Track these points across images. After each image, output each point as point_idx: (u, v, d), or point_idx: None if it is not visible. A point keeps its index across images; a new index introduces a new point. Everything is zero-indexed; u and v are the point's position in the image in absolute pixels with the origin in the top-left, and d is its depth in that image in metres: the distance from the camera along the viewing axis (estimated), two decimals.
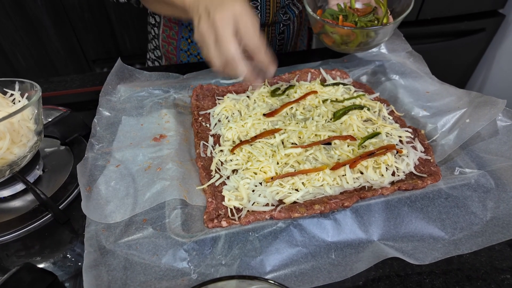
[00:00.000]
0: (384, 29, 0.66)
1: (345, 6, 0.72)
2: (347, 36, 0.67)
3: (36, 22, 1.75)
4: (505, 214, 0.48)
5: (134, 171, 0.55)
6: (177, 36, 0.91)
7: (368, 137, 0.58)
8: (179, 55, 0.95)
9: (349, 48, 0.71)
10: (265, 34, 0.93)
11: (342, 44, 0.70)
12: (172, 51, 0.95)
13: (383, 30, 0.66)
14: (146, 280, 0.42)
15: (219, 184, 0.54)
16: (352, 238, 0.47)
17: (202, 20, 0.52)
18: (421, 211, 0.49)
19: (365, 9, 0.71)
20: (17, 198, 0.55)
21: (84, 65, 2.00)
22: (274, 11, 0.87)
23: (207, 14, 0.51)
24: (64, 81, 0.84)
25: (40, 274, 0.42)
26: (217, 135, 0.63)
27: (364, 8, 0.71)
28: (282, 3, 0.87)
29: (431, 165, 0.55)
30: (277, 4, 0.86)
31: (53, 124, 0.66)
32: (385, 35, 0.69)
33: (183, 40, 0.91)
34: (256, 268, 0.43)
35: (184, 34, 0.91)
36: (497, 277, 0.44)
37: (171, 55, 0.96)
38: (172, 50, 0.95)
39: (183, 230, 0.46)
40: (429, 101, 0.67)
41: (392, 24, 0.65)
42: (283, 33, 0.95)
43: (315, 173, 0.52)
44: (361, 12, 0.70)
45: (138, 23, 1.88)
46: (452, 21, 1.65)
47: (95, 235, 0.46)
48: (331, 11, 0.72)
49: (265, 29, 0.92)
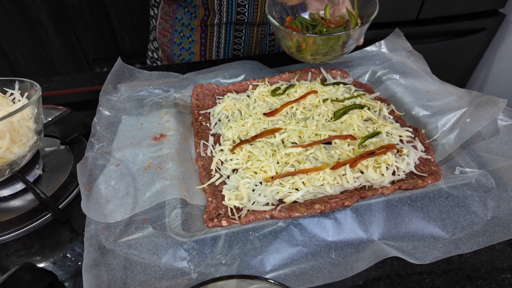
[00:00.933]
0: (335, 38, 0.61)
1: (318, 16, 0.70)
2: (298, 42, 0.64)
3: (36, 21, 1.75)
4: (506, 214, 0.48)
5: (134, 171, 0.54)
6: (171, 29, 0.94)
7: (369, 137, 0.58)
8: (172, 47, 0.97)
9: (304, 57, 0.67)
10: (254, 35, 0.94)
11: (297, 52, 0.67)
12: (166, 43, 0.98)
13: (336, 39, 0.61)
14: (146, 280, 0.42)
15: (219, 184, 0.54)
16: (352, 238, 0.46)
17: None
18: (421, 211, 0.49)
19: (338, 21, 0.70)
20: (17, 197, 0.55)
21: (84, 65, 2.00)
22: (262, 10, 0.88)
23: None
24: (64, 81, 0.84)
25: (40, 273, 0.42)
26: (217, 135, 0.63)
27: (337, 21, 0.70)
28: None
29: (432, 164, 0.55)
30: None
31: (53, 124, 0.65)
32: (345, 45, 0.64)
33: (176, 33, 0.94)
34: (256, 267, 0.43)
35: (178, 27, 0.93)
36: (498, 277, 0.43)
37: (166, 47, 0.99)
38: (167, 43, 0.98)
39: (183, 230, 0.46)
40: (430, 100, 0.67)
41: (341, 34, 0.61)
42: (273, 34, 0.96)
43: (316, 173, 0.52)
44: (334, 24, 0.69)
45: (138, 23, 1.88)
46: (452, 20, 1.65)
47: (95, 235, 0.46)
48: (301, 19, 0.70)
49: (254, 30, 0.93)
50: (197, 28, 0.92)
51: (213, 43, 0.94)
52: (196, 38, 0.93)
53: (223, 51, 0.97)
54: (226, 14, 0.87)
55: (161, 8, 0.95)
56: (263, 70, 0.80)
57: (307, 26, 0.68)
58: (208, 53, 0.97)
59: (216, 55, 0.97)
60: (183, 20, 0.91)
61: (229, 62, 0.82)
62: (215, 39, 0.94)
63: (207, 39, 0.93)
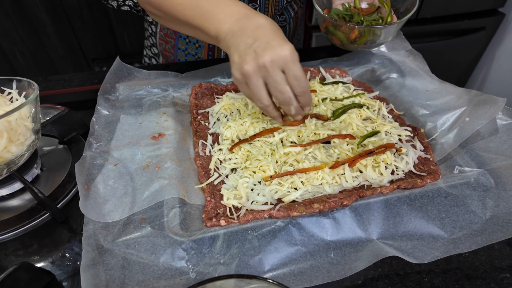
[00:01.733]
0: (389, 28, 0.67)
1: (350, 6, 0.73)
2: (354, 35, 0.69)
3: (35, 20, 1.75)
4: (505, 213, 0.48)
5: (133, 170, 0.54)
6: (175, 35, 0.91)
7: (368, 136, 0.58)
8: (177, 54, 0.95)
9: (356, 47, 0.73)
10: None
11: (350, 43, 0.71)
12: (169, 49, 0.95)
13: (389, 28, 0.67)
14: (144, 279, 0.42)
15: (218, 183, 0.53)
16: (351, 237, 0.46)
17: (248, 59, 0.49)
18: (420, 210, 0.48)
19: (369, 8, 0.73)
20: (15, 197, 0.55)
21: (83, 64, 2.00)
22: (272, 13, 0.87)
23: (254, 53, 0.48)
24: (63, 80, 0.84)
25: (38, 273, 0.42)
26: (216, 134, 0.63)
27: (368, 8, 0.73)
28: (280, 5, 0.87)
29: (431, 163, 0.55)
30: (276, 6, 0.86)
31: (51, 123, 0.65)
32: (390, 34, 0.70)
33: (181, 39, 0.91)
34: (255, 267, 0.43)
35: (182, 34, 0.91)
36: (497, 276, 0.43)
37: (169, 53, 0.96)
38: (170, 49, 0.95)
39: (181, 229, 0.46)
40: (429, 99, 0.67)
41: (398, 23, 0.67)
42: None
43: (314, 172, 0.52)
44: (365, 11, 0.72)
45: (137, 22, 1.87)
46: (452, 20, 1.65)
47: (93, 234, 0.46)
48: (337, 10, 0.73)
49: None
50: None
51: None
52: (203, 44, 0.90)
53: None
54: None
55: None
56: None
57: (344, 17, 0.72)
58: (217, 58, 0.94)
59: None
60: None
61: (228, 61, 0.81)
62: None
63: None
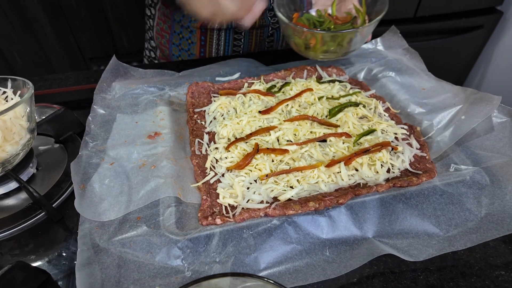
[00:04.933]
0: (344, 35, 0.61)
1: (325, 13, 0.69)
2: (306, 39, 0.64)
3: (32, 19, 1.74)
4: (500, 211, 0.48)
5: (129, 169, 0.54)
6: (170, 30, 0.93)
7: (364, 134, 0.58)
8: (171, 48, 0.96)
9: (314, 54, 0.67)
10: (253, 37, 0.94)
11: (306, 49, 0.66)
12: (164, 43, 0.97)
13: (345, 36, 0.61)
14: (139, 278, 0.42)
15: (214, 182, 0.53)
16: (346, 235, 0.46)
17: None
18: (416, 208, 0.49)
19: (345, 18, 0.69)
20: (11, 196, 0.55)
21: (81, 63, 1.99)
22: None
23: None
24: (59, 79, 0.84)
25: (33, 272, 0.42)
26: (212, 133, 0.63)
27: (344, 17, 0.69)
28: (268, 6, 0.87)
29: (427, 162, 0.55)
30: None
31: (47, 122, 0.65)
32: (352, 42, 0.64)
33: (175, 34, 0.93)
34: (250, 265, 0.43)
35: (176, 29, 0.93)
36: (492, 274, 0.44)
37: (164, 47, 0.98)
38: (165, 43, 0.97)
39: (177, 228, 0.46)
40: (425, 98, 0.67)
41: (352, 31, 0.61)
42: (272, 35, 0.97)
43: (310, 170, 0.52)
44: (340, 20, 0.68)
45: (135, 21, 1.87)
46: (450, 18, 1.65)
47: (89, 233, 0.46)
48: (308, 16, 0.70)
49: (253, 32, 0.93)
50: (197, 31, 0.91)
51: (212, 46, 0.94)
52: (195, 40, 0.93)
53: (222, 54, 0.96)
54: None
55: (158, 9, 0.94)
56: (259, 68, 0.80)
57: (314, 23, 0.68)
58: (208, 55, 0.96)
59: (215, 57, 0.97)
60: (182, 22, 0.90)
61: (225, 60, 0.81)
62: (215, 42, 0.93)
63: (207, 42, 0.93)
